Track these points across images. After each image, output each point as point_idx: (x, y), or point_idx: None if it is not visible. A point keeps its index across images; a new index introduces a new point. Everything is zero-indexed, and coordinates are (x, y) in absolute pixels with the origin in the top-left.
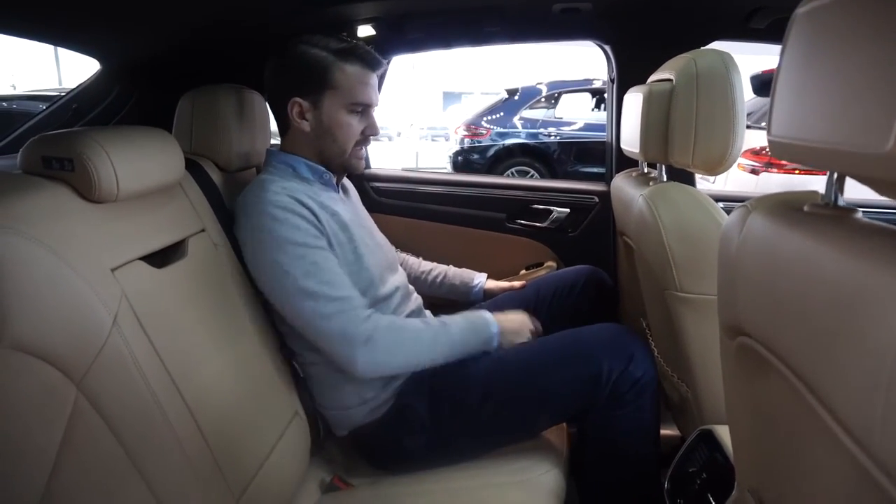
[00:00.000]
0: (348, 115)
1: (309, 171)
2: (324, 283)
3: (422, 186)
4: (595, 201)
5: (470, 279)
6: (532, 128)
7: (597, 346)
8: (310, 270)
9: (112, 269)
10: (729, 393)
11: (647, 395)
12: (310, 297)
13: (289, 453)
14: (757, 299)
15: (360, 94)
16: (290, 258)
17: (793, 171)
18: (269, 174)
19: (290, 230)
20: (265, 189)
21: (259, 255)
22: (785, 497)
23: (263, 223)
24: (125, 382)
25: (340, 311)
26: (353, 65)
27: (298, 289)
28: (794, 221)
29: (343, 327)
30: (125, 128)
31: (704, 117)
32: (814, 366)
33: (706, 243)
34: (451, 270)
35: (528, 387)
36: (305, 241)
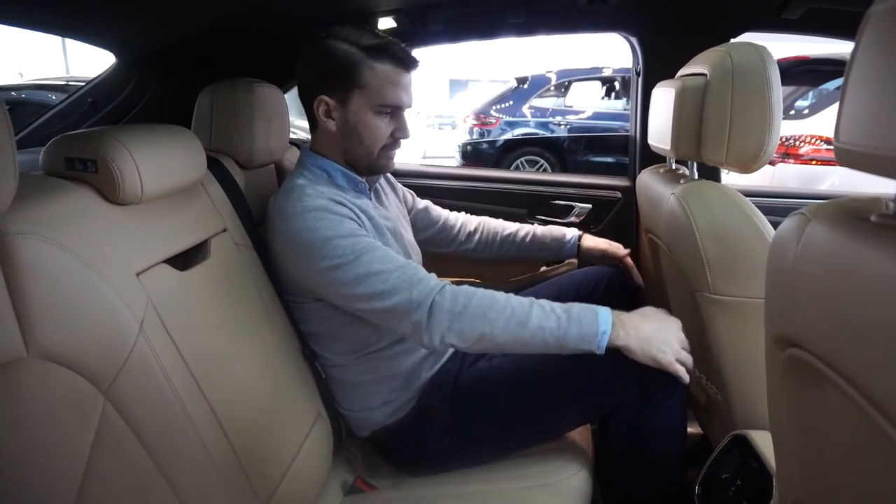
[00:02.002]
0: (376, 116)
1: (345, 179)
2: (377, 260)
3: (440, 181)
4: (618, 197)
5: (561, 235)
6: (542, 117)
7: None
8: (360, 253)
9: (137, 273)
10: (775, 403)
11: (676, 396)
12: (367, 277)
13: (313, 456)
14: (818, 313)
15: (389, 95)
16: (339, 249)
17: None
18: (305, 179)
19: (333, 227)
20: (304, 194)
21: (305, 258)
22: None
23: (305, 224)
24: (151, 389)
25: (401, 281)
26: (384, 63)
27: (354, 275)
28: (860, 232)
29: (407, 296)
30: (147, 126)
31: (739, 113)
32: (881, 382)
33: (741, 245)
34: (539, 228)
35: (555, 386)
36: (351, 231)
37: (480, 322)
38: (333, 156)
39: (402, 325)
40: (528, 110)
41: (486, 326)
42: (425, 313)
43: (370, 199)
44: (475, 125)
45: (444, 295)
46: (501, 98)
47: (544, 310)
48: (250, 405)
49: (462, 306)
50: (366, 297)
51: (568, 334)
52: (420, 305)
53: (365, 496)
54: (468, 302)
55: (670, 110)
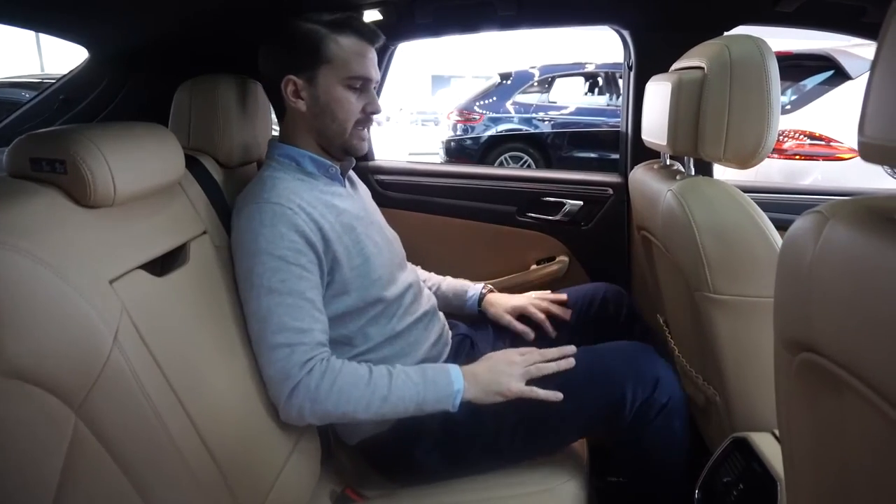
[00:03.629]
0: (346, 90)
1: (314, 165)
2: (283, 305)
3: (428, 179)
4: (609, 193)
5: (463, 291)
6: (525, 113)
7: (619, 371)
8: (275, 288)
9: (111, 280)
10: (785, 409)
11: (677, 417)
12: (263, 318)
13: (301, 467)
14: (839, 317)
15: (357, 67)
16: (262, 269)
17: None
18: (272, 170)
19: (272, 239)
20: (265, 188)
21: (240, 260)
22: None
23: (251, 226)
24: (127, 405)
25: (286, 345)
26: (347, 36)
27: (257, 305)
28: (884, 232)
29: (282, 364)
30: (120, 124)
31: (738, 108)
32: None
33: (742, 243)
34: (447, 282)
35: (545, 409)
36: (284, 254)
37: (344, 403)
38: (304, 141)
39: (266, 382)
40: (511, 106)
41: (349, 406)
42: (287, 391)
43: (344, 187)
44: (459, 121)
45: (311, 376)
46: (485, 94)
47: (402, 379)
48: (234, 418)
49: (327, 389)
50: (254, 334)
51: (426, 399)
52: (287, 379)
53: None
54: (333, 382)
55: (666, 105)
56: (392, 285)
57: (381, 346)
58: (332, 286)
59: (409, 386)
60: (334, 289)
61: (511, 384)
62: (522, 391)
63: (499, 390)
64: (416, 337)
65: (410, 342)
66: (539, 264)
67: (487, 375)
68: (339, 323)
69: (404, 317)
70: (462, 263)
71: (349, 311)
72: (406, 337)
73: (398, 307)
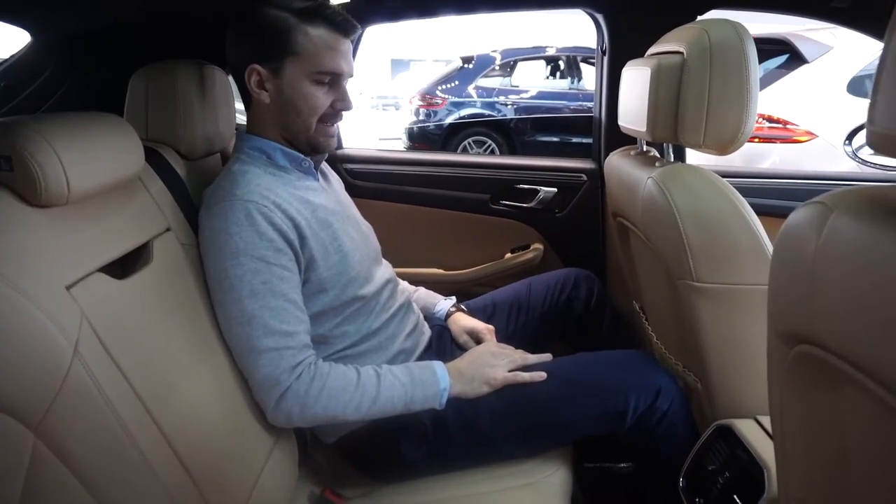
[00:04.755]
0: (313, 85)
1: (285, 158)
2: (267, 308)
3: (399, 167)
4: (583, 180)
5: (432, 305)
6: (488, 97)
7: (621, 381)
8: (257, 290)
9: (67, 286)
10: (779, 400)
11: (679, 421)
12: (247, 322)
13: (278, 472)
14: (845, 310)
15: (326, 61)
16: (241, 271)
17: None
18: (242, 163)
19: (250, 239)
20: (237, 185)
21: (212, 260)
22: None
23: (224, 225)
24: (91, 420)
25: (274, 349)
26: (318, 27)
27: (239, 309)
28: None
29: (270, 369)
30: (71, 115)
31: (718, 93)
32: None
33: (725, 230)
34: (417, 295)
35: (544, 416)
36: (264, 255)
37: (333, 406)
38: (271, 134)
39: (252, 386)
40: (473, 90)
41: (338, 409)
42: (276, 397)
43: (317, 180)
44: (421, 106)
45: (301, 381)
46: (447, 78)
47: (390, 380)
48: (206, 426)
49: (316, 393)
50: (238, 338)
51: (414, 398)
52: (277, 385)
53: None
54: (322, 387)
55: (645, 90)
56: (369, 283)
57: (358, 343)
58: (309, 285)
59: (397, 386)
60: (311, 287)
61: (496, 373)
62: (507, 378)
63: (484, 380)
64: (393, 331)
65: (387, 336)
66: (514, 252)
67: (471, 368)
68: (315, 322)
69: (381, 314)
70: (435, 254)
71: (326, 310)
72: (383, 332)
73: (375, 304)
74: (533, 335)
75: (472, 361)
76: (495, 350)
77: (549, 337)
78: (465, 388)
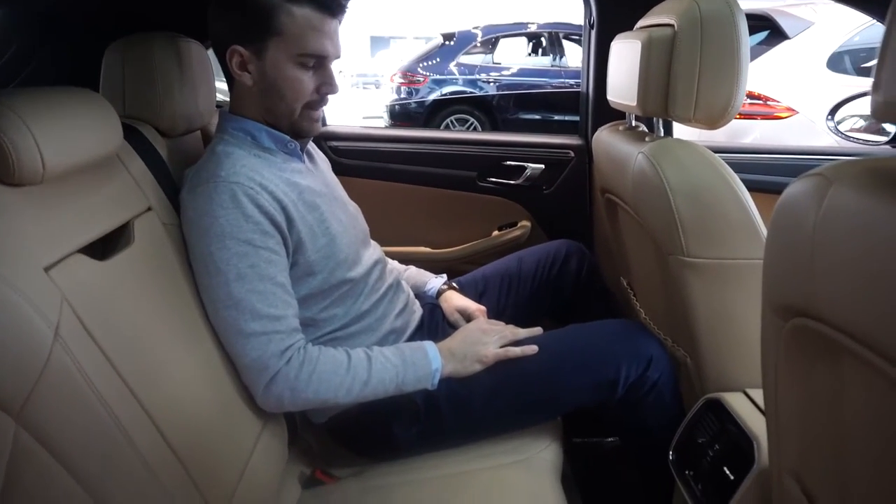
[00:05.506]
0: (297, 68)
1: (271, 140)
2: (255, 292)
3: (385, 144)
4: (570, 156)
5: (423, 283)
6: (470, 74)
7: (613, 349)
8: (244, 274)
9: (46, 268)
10: (773, 373)
11: (668, 391)
12: (234, 306)
13: (268, 454)
14: (846, 282)
15: (311, 43)
16: (228, 255)
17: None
18: (226, 144)
19: (235, 222)
20: (221, 166)
21: (196, 243)
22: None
23: (209, 208)
24: (75, 406)
25: (262, 333)
26: (303, 7)
27: (226, 293)
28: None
29: (259, 354)
30: (43, 90)
31: (709, 66)
32: None
33: (716, 205)
34: (408, 273)
35: (537, 389)
36: (251, 238)
37: (324, 390)
38: (255, 115)
39: (245, 373)
40: (455, 68)
41: (329, 393)
42: (265, 382)
43: (303, 162)
44: (402, 84)
45: (290, 366)
46: (428, 55)
47: (381, 362)
48: (195, 409)
49: (306, 377)
50: (225, 323)
51: (406, 380)
52: (266, 370)
53: (326, 488)
54: (312, 371)
55: (635, 64)
56: (357, 265)
57: (348, 325)
58: (297, 268)
59: (389, 368)
60: (298, 270)
61: (487, 350)
62: (499, 354)
63: (476, 358)
64: (383, 311)
65: (377, 317)
66: (501, 230)
67: (463, 347)
68: (303, 305)
69: (370, 295)
70: (422, 232)
71: (314, 293)
72: (373, 313)
73: (364, 286)
74: (524, 310)
75: (462, 340)
76: (485, 327)
77: (539, 311)
78: (457, 367)
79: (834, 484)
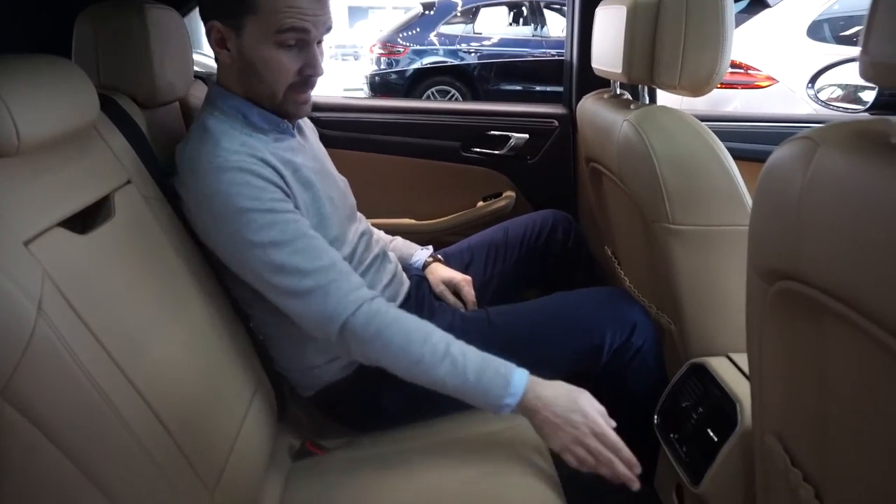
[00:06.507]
0: (277, 48)
1: (262, 119)
2: (296, 253)
3: (368, 115)
4: (555, 125)
5: (409, 256)
6: (450, 44)
7: (598, 316)
8: (278, 240)
9: (25, 242)
10: (758, 335)
11: (651, 357)
12: (280, 271)
13: (258, 427)
14: (833, 245)
15: (289, 19)
16: (255, 228)
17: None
18: (217, 120)
19: (252, 195)
20: (219, 144)
21: (216, 228)
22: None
23: (219, 188)
24: (62, 381)
25: (317, 287)
26: None
27: (267, 263)
28: (882, 157)
29: (321, 307)
30: (14, 58)
31: (694, 33)
32: None
33: (701, 172)
34: (394, 244)
35: (521, 355)
36: (272, 206)
37: (386, 356)
38: (240, 93)
39: (313, 330)
40: (435, 38)
41: (389, 361)
42: (335, 332)
43: (294, 136)
44: (382, 55)
45: (357, 318)
46: (407, 25)
47: (455, 366)
48: (183, 382)
49: (373, 334)
50: (276, 290)
51: (467, 395)
52: (331, 321)
53: (316, 459)
54: (379, 331)
55: (620, 31)
56: (344, 244)
57: None
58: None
59: (456, 378)
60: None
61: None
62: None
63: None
64: (369, 282)
65: None
66: (486, 200)
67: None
68: None
69: (356, 268)
70: (407, 203)
71: None
72: None
73: (351, 260)
74: (510, 280)
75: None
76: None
77: (526, 281)
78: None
79: (814, 441)
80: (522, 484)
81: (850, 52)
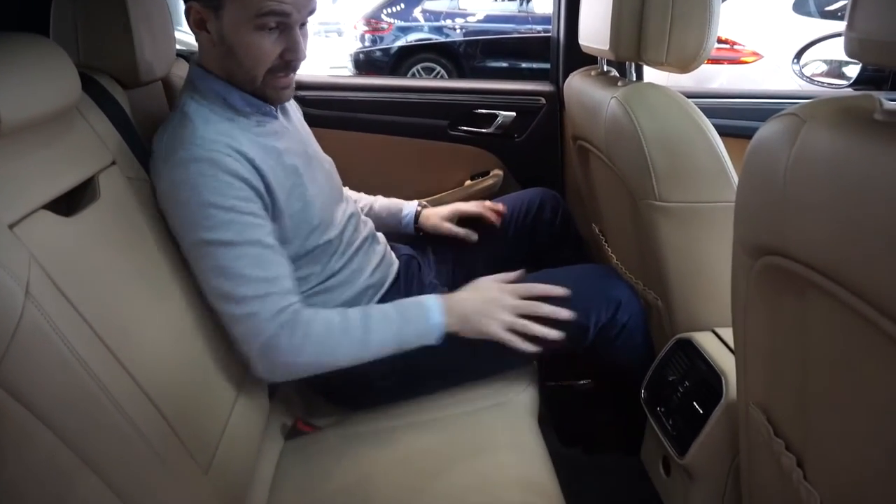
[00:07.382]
0: (256, 32)
1: (244, 102)
2: (243, 257)
3: (354, 93)
4: (542, 103)
5: (398, 210)
6: (435, 21)
7: (583, 294)
8: (231, 241)
9: (10, 225)
10: (742, 312)
11: (638, 333)
12: (223, 273)
13: (250, 406)
14: (819, 220)
15: (269, 2)
16: (210, 225)
17: None
18: (197, 104)
19: (217, 190)
20: (196, 133)
21: (178, 215)
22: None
23: (187, 178)
24: (52, 364)
25: (254, 297)
26: None
27: (213, 262)
28: (866, 132)
29: (251, 320)
30: None
31: (681, 9)
32: None
33: (688, 149)
34: (379, 202)
35: None
36: (234, 205)
37: (322, 353)
38: (221, 75)
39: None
40: (420, 14)
41: (326, 356)
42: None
43: (277, 119)
44: (366, 31)
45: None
46: (392, 1)
47: (381, 318)
48: (173, 363)
49: (300, 342)
50: (215, 291)
51: (406, 337)
52: (259, 333)
53: (308, 437)
54: (305, 334)
55: (608, 8)
56: (331, 227)
57: (325, 281)
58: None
59: (388, 326)
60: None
61: (497, 331)
62: (503, 339)
63: (481, 330)
64: (359, 264)
65: (353, 270)
66: (473, 179)
67: (470, 310)
68: None
69: (346, 250)
70: (393, 183)
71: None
72: (349, 267)
73: (339, 243)
74: (498, 258)
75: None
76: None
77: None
78: (461, 327)
79: (796, 412)
80: (513, 459)
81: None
